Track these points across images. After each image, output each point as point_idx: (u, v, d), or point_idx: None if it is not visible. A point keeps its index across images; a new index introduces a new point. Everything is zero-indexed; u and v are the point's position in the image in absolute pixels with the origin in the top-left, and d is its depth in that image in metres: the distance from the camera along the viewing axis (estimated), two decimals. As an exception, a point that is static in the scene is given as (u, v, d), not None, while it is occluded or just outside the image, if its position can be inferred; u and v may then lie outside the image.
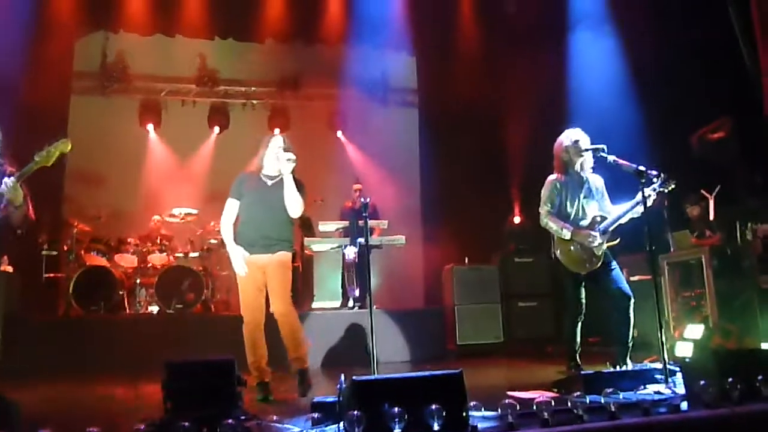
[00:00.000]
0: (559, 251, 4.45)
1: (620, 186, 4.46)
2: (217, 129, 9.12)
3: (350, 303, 7.09)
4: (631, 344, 4.27)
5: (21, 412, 3.06)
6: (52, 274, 7.01)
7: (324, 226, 6.24)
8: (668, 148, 6.09)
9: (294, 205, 4.20)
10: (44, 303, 7.00)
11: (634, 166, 4.01)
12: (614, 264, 4.42)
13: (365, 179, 7.91)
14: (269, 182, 4.30)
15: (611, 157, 4.22)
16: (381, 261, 7.52)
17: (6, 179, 3.53)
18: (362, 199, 4.16)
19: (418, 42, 8.53)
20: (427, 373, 2.80)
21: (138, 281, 7.07)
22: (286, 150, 4.22)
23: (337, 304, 7.53)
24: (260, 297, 4.21)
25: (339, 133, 9.60)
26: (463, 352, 6.62)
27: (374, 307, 4.11)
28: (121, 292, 6.88)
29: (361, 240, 3.87)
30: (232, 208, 4.29)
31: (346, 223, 6.25)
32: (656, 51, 6.67)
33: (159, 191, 8.48)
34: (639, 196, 4.05)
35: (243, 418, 2.85)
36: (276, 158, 4.22)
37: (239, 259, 4.17)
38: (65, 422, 3.70)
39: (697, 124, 6.19)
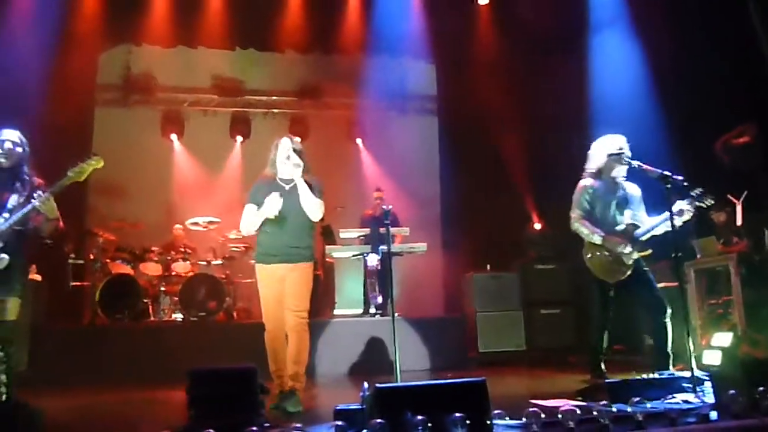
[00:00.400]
0: (588, 258, 4.41)
1: (655, 197, 4.39)
2: (239, 138, 9.22)
3: (371, 310, 7.09)
4: (672, 352, 4.20)
5: (45, 420, 3.10)
6: (78, 283, 7.12)
7: (345, 234, 6.26)
8: (692, 153, 6.01)
9: (312, 208, 4.09)
10: (70, 311, 7.12)
11: (659, 171, 3.96)
12: (648, 273, 4.36)
13: (385, 187, 7.91)
14: (287, 187, 4.16)
15: (635, 163, 4.17)
16: (401, 268, 7.50)
17: (41, 193, 3.63)
18: (384, 207, 4.07)
19: (437, 50, 8.53)
20: (450, 381, 2.79)
21: (162, 289, 7.14)
22: (296, 151, 4.11)
23: (359, 311, 7.53)
24: (281, 307, 4.12)
25: (358, 141, 9.64)
26: (485, 360, 6.58)
27: (396, 314, 4.08)
28: (145, 300, 6.95)
29: (384, 247, 3.84)
30: (250, 211, 4.17)
31: (367, 230, 6.24)
32: (677, 54, 6.60)
33: (182, 200, 8.59)
34: (674, 208, 3.99)
35: (266, 425, 2.87)
36: (284, 163, 4.11)
37: (270, 200, 4.01)
38: (90, 430, 3.77)
39: (720, 128, 6.10)
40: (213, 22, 7.95)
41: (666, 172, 3.94)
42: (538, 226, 7.88)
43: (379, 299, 6.63)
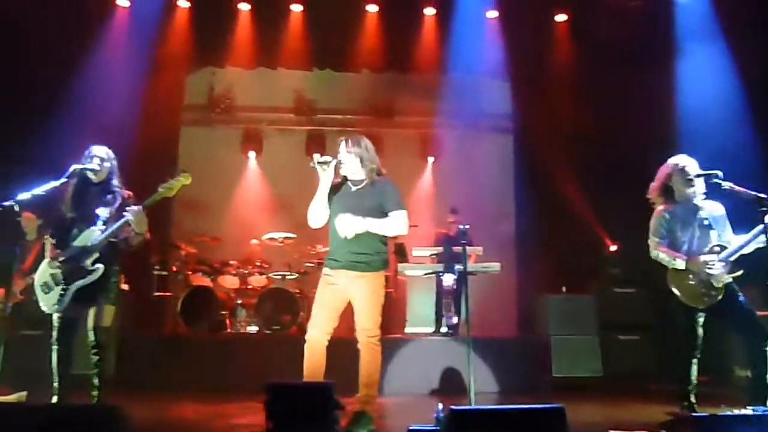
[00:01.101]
0: (673, 284, 4.21)
1: (744, 213, 4.16)
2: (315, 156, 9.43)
3: (443, 329, 7.03)
4: None
5: (134, 425, 3.23)
6: (161, 293, 7.47)
7: (418, 252, 6.25)
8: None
9: (394, 230, 3.86)
10: (153, 320, 7.47)
11: (753, 193, 3.75)
12: (741, 297, 4.12)
13: (458, 205, 7.87)
14: (353, 188, 4.00)
15: (727, 184, 3.96)
16: (474, 288, 7.41)
17: (134, 208, 3.86)
18: (461, 226, 3.96)
19: (512, 67, 8.46)
20: (527, 406, 2.72)
21: (238, 302, 7.37)
22: (348, 152, 3.95)
23: (429, 330, 7.49)
24: (331, 315, 3.85)
25: (431, 160, 9.65)
26: (558, 385, 6.37)
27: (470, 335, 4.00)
28: (223, 312, 7.18)
29: (459, 267, 3.78)
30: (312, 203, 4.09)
31: (440, 249, 6.21)
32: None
33: (259, 216, 8.87)
34: (763, 225, 3.77)
35: (341, 442, 2.89)
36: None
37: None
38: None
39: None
40: (292, 45, 8.24)
41: (761, 195, 3.73)
42: (613, 247, 7.60)
43: (454, 319, 6.57)
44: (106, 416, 2.89)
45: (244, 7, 8.15)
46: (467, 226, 3.89)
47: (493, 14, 8.24)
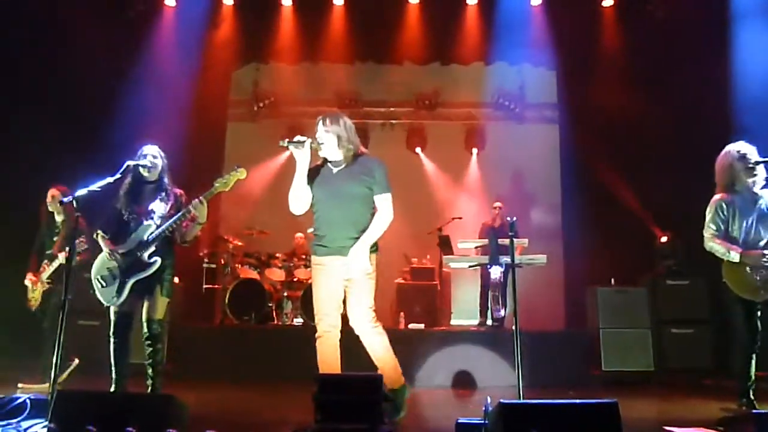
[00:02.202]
0: (728, 276, 4.06)
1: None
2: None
3: (488, 322, 6.97)
4: None
5: (188, 413, 3.32)
6: (210, 286, 7.64)
7: (463, 244, 6.21)
8: None
9: (385, 226, 3.69)
10: (203, 311, 7.65)
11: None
12: None
13: (503, 196, 7.77)
14: (335, 170, 3.82)
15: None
16: (520, 280, 7.33)
17: (196, 201, 3.96)
18: (509, 218, 3.85)
19: (557, 54, 8.28)
20: (579, 400, 2.67)
21: (285, 294, 7.47)
22: (326, 131, 3.76)
23: (475, 322, 7.44)
24: (335, 309, 3.67)
25: (476, 151, 9.56)
26: (609, 380, 6.25)
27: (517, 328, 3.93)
28: (270, 304, 7.28)
29: (506, 259, 3.73)
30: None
31: (485, 241, 6.15)
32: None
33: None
34: None
35: (389, 434, 2.90)
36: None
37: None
38: (224, 424, 4.00)
39: None
40: (334, 39, 8.29)
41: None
42: (664, 238, 7.37)
43: (502, 312, 6.51)
44: (162, 404, 2.98)
45: (287, 2, 8.22)
46: (515, 218, 3.82)
47: (537, 1, 8.08)
